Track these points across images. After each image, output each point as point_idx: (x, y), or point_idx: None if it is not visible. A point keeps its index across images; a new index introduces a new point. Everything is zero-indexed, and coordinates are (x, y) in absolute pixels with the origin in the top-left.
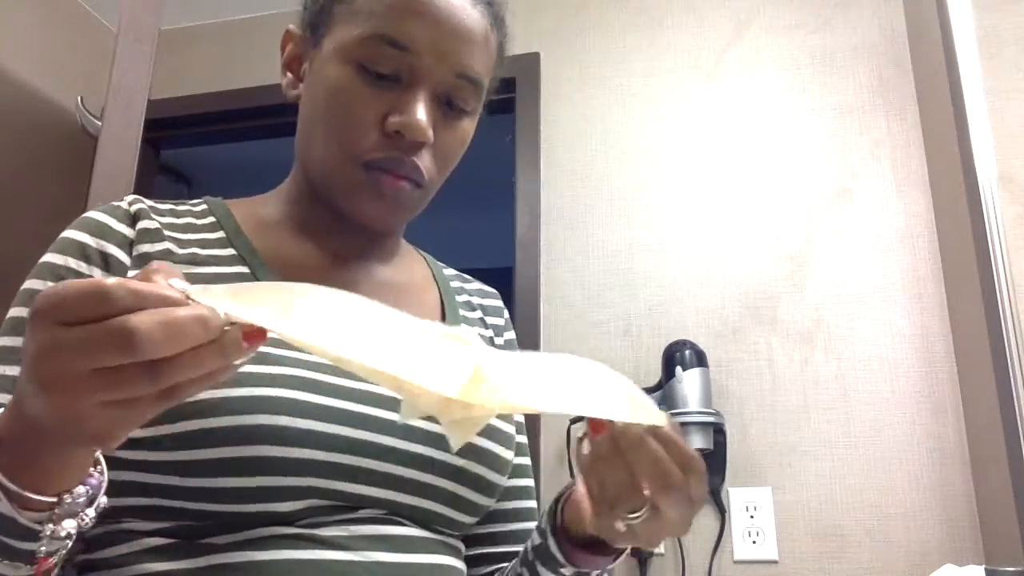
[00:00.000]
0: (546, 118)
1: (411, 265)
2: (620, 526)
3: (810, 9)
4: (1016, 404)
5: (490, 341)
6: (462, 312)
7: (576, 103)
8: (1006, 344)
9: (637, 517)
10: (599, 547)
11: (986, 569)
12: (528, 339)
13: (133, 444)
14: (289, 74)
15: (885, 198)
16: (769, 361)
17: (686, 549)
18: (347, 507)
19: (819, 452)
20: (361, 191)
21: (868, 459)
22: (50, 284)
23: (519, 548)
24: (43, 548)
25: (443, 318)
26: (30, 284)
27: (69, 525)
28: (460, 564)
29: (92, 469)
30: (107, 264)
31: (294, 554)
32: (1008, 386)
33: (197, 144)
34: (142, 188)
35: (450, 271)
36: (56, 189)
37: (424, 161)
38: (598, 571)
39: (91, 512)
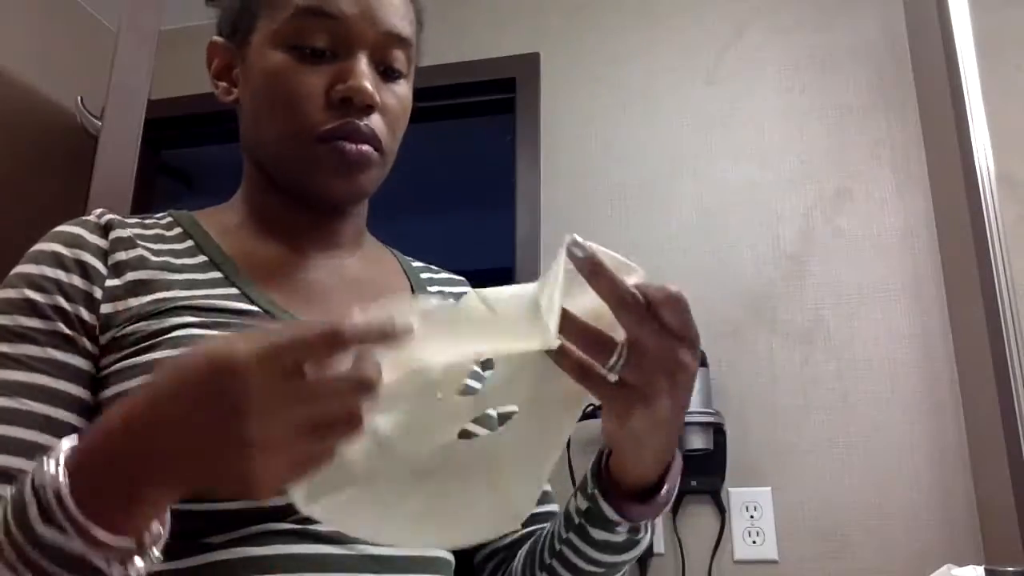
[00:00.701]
0: (546, 118)
1: (379, 257)
2: (610, 378)
3: (810, 9)
4: (1016, 404)
5: None
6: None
7: (576, 103)
8: (1006, 344)
9: (618, 358)
10: (647, 495)
11: (986, 569)
12: None
13: None
14: (222, 83)
15: (885, 198)
16: (769, 361)
17: (686, 549)
18: None
19: (819, 452)
20: (323, 165)
21: (868, 459)
22: (26, 293)
23: (530, 530)
24: None
25: None
26: (3, 294)
27: (139, 565)
28: (449, 556)
29: None
30: (85, 272)
31: (289, 548)
32: (1008, 386)
33: (197, 144)
34: (142, 188)
35: (418, 263)
36: (56, 189)
37: (376, 124)
38: (648, 519)
39: (156, 552)
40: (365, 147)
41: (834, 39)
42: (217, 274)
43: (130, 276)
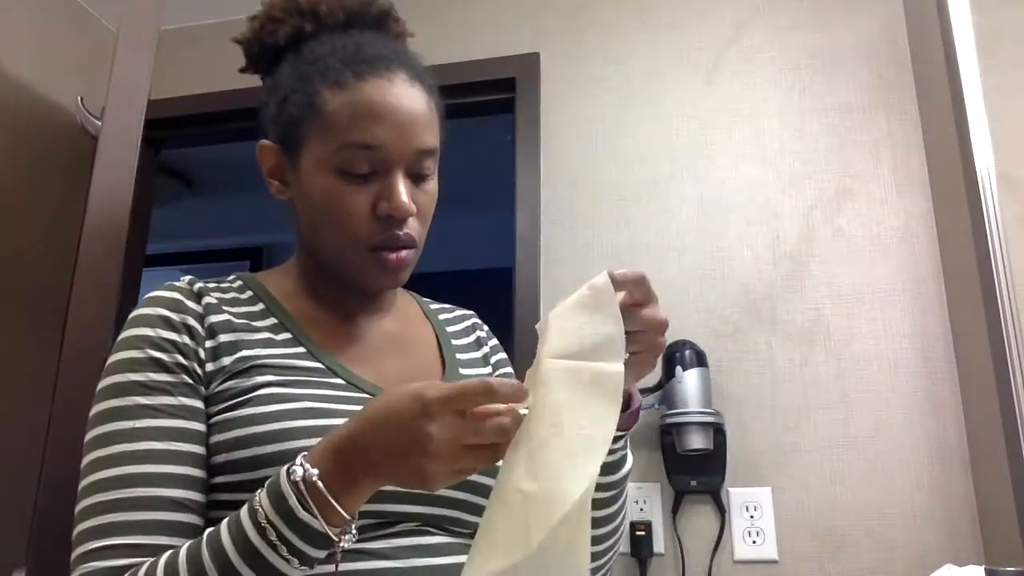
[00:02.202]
0: (546, 118)
1: (407, 309)
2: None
3: (810, 9)
4: (1016, 404)
5: (491, 351)
6: (454, 342)
7: (576, 103)
8: (1006, 344)
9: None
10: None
11: (986, 569)
12: (528, 339)
13: (219, 488)
14: (276, 182)
15: (885, 198)
16: (769, 361)
17: (686, 549)
18: (388, 523)
19: (819, 452)
20: (371, 269)
21: (868, 459)
22: (150, 353)
23: None
24: (337, 551)
25: (440, 349)
26: (126, 355)
27: (348, 539)
28: None
29: None
30: (192, 334)
31: (350, 567)
32: (1008, 386)
33: (197, 144)
34: (142, 188)
35: (435, 305)
36: (56, 189)
37: (412, 227)
38: (626, 432)
39: (354, 529)
40: (404, 253)
41: (834, 39)
42: (287, 335)
43: (222, 338)
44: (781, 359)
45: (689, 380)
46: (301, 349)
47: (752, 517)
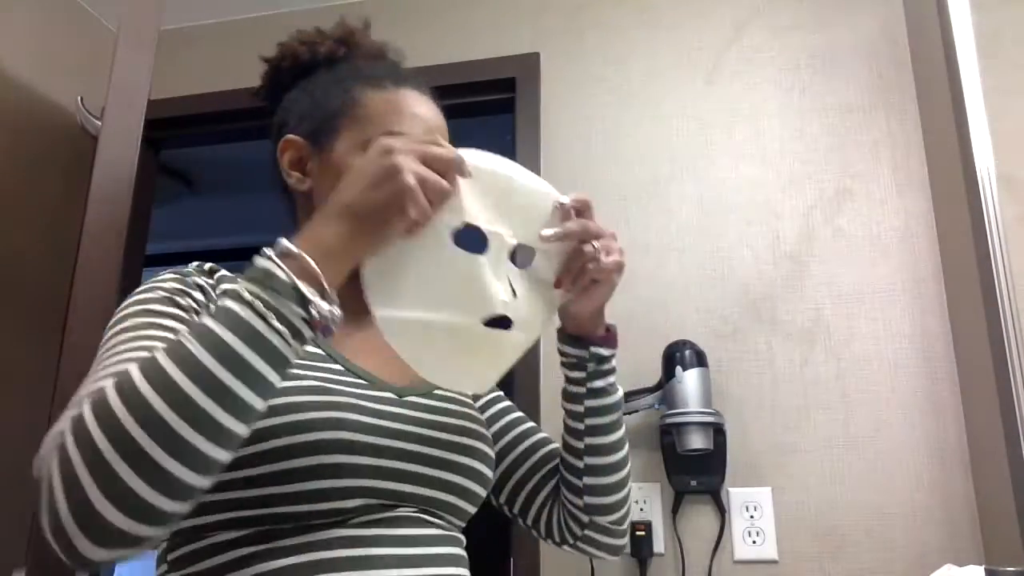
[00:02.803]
0: (546, 118)
1: None
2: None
3: (810, 9)
4: (1016, 404)
5: None
6: None
7: (576, 103)
8: (1006, 344)
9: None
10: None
11: (986, 569)
12: None
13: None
14: (296, 173)
15: (885, 198)
16: (769, 361)
17: (686, 549)
18: (390, 504)
19: (819, 452)
20: None
21: (868, 459)
22: (161, 295)
23: (552, 466)
24: (315, 314)
25: None
26: (138, 299)
27: (329, 312)
28: (464, 553)
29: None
30: (203, 292)
31: (350, 552)
32: (1008, 386)
33: (197, 144)
34: (142, 188)
35: None
36: (56, 189)
37: None
38: (613, 347)
39: (337, 312)
40: None
41: (834, 39)
42: None
43: None
44: (781, 359)
45: (689, 380)
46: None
47: (752, 517)
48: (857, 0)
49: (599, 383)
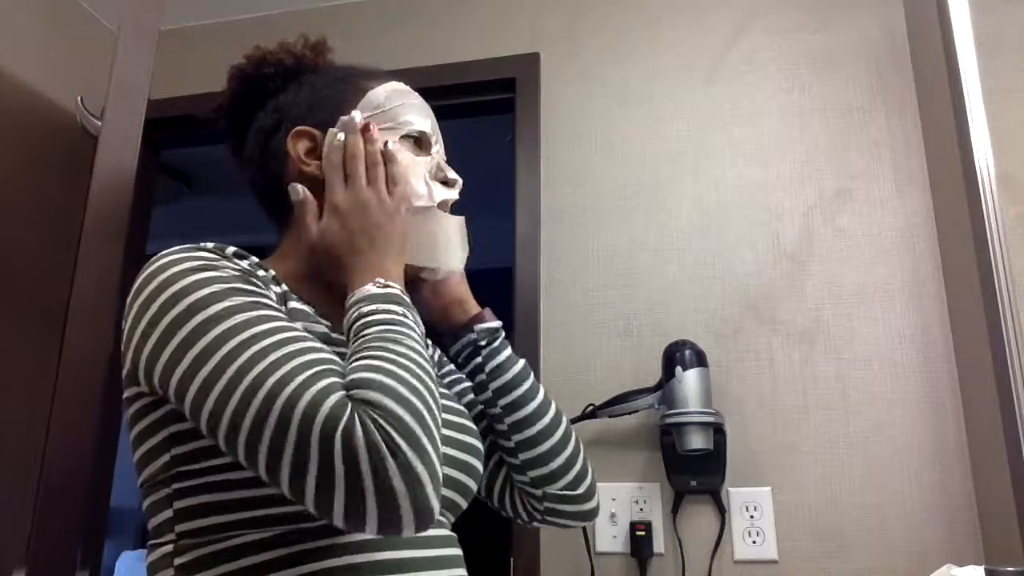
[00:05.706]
0: (546, 118)
1: None
2: None
3: (810, 9)
4: (1016, 404)
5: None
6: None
7: (576, 103)
8: (1006, 344)
9: None
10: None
11: (986, 569)
12: (528, 339)
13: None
14: (315, 161)
15: (885, 198)
16: (769, 361)
17: (686, 549)
18: None
19: (819, 452)
20: None
21: (868, 459)
22: (205, 262)
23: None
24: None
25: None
26: (181, 267)
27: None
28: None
29: None
30: (238, 256)
31: (349, 559)
32: (1008, 386)
33: (197, 144)
34: (142, 188)
35: None
36: (56, 189)
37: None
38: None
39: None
40: None
41: (834, 39)
42: (310, 309)
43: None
44: (781, 359)
45: (689, 380)
46: (322, 328)
47: (752, 517)
48: (857, 0)
49: (499, 359)
